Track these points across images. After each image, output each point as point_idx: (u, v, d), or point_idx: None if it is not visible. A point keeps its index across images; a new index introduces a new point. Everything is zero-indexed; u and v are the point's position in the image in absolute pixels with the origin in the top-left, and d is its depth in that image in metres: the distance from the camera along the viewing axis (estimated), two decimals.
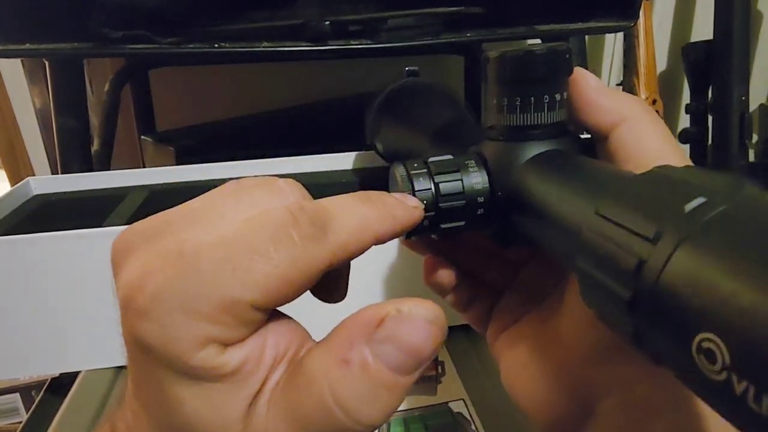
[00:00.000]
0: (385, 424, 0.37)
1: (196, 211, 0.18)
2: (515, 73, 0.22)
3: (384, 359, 0.16)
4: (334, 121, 0.83)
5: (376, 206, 0.19)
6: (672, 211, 0.13)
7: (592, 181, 0.18)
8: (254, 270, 0.16)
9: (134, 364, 0.17)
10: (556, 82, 0.22)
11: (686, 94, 0.95)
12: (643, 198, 0.14)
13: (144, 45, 0.50)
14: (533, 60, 0.21)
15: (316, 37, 0.52)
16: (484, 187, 0.23)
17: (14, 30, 0.49)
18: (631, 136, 0.21)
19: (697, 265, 0.12)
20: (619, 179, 0.17)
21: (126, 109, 0.78)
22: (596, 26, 0.59)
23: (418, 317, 0.16)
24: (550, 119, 0.22)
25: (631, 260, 0.13)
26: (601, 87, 0.22)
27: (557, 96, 0.22)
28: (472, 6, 0.54)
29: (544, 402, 0.23)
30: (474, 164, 0.23)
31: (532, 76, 0.22)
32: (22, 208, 0.48)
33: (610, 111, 0.22)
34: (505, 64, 0.22)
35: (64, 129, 0.62)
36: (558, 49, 0.22)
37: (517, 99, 0.22)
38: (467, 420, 0.38)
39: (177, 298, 0.15)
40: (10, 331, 0.40)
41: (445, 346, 0.45)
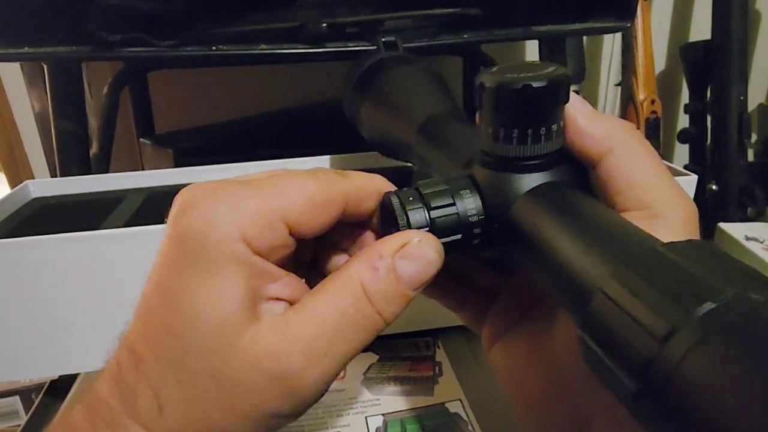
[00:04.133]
0: (383, 425, 0.38)
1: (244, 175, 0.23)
2: (512, 106, 0.21)
3: (402, 270, 0.21)
4: (333, 123, 0.83)
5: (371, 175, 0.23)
6: (684, 311, 0.13)
7: (598, 240, 0.18)
8: (290, 188, 0.20)
9: (159, 260, 0.20)
10: (555, 112, 0.21)
11: (685, 94, 0.95)
12: (655, 287, 0.14)
13: (142, 48, 0.50)
14: (532, 94, 0.20)
15: (314, 39, 0.52)
16: (480, 218, 0.22)
17: (13, 34, 0.49)
18: (619, 169, 0.21)
19: (706, 376, 0.12)
20: (627, 249, 0.17)
21: (125, 112, 0.79)
22: (593, 27, 0.59)
23: (430, 247, 0.21)
24: (548, 149, 0.21)
25: (639, 356, 0.14)
26: (589, 113, 0.22)
27: (554, 126, 0.21)
28: (469, 7, 0.54)
29: (540, 417, 0.23)
30: (469, 193, 0.22)
31: (530, 110, 0.21)
32: (21, 210, 0.48)
33: (597, 141, 0.21)
34: (501, 96, 0.21)
35: (62, 132, 0.62)
36: (557, 79, 0.20)
37: (513, 130, 0.21)
38: (464, 420, 0.38)
39: (225, 196, 0.19)
40: (9, 334, 0.40)
41: (442, 347, 0.45)
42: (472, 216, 0.22)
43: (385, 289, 0.20)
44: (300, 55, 0.53)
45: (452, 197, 0.22)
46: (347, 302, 0.20)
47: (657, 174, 0.21)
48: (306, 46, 0.52)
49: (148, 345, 0.19)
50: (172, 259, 0.19)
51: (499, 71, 0.22)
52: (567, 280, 0.18)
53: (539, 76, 0.20)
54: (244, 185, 0.20)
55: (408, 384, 0.41)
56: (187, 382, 0.19)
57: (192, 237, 0.19)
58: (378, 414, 0.39)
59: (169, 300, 0.19)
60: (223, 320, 0.19)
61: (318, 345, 0.19)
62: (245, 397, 0.19)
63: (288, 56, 0.53)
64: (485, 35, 0.56)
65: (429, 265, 0.21)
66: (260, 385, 0.19)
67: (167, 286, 0.19)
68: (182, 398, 0.19)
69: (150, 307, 0.20)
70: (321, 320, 0.20)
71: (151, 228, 0.39)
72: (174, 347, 0.19)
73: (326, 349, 0.19)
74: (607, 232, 0.18)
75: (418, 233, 0.21)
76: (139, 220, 0.44)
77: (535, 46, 0.70)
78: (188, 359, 0.19)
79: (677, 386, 0.12)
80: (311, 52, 0.52)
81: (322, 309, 0.20)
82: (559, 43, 0.68)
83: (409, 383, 0.41)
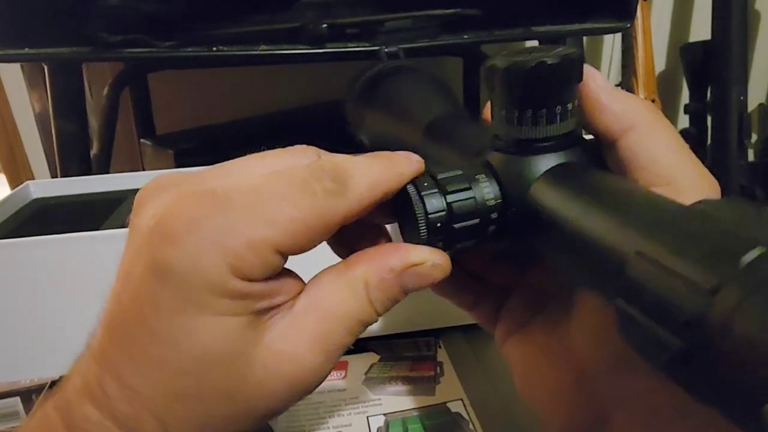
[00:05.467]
0: (384, 425, 0.38)
1: (224, 166, 0.20)
2: (526, 85, 0.20)
3: (407, 282, 0.21)
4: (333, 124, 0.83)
5: (385, 164, 0.21)
6: (729, 263, 0.12)
7: (626, 210, 0.18)
8: (280, 213, 0.18)
9: (140, 295, 0.18)
10: (569, 91, 0.21)
11: (685, 94, 0.95)
12: (695, 242, 0.14)
13: (142, 49, 0.50)
14: (545, 71, 0.20)
15: (314, 39, 0.52)
16: (497, 202, 0.22)
17: (13, 35, 0.49)
18: (641, 145, 0.21)
19: (761, 329, 0.11)
20: (660, 212, 0.17)
21: (125, 113, 0.79)
22: (593, 27, 0.59)
23: (440, 271, 0.21)
24: (563, 130, 0.21)
25: (686, 312, 0.13)
26: (609, 90, 0.21)
27: (569, 105, 0.21)
28: (469, 8, 0.54)
29: (560, 411, 0.23)
30: (485, 177, 0.22)
31: (545, 88, 0.20)
32: (22, 211, 0.48)
33: (619, 117, 0.21)
34: (514, 76, 0.20)
35: (63, 133, 0.62)
36: (570, 56, 0.20)
37: (527, 111, 0.21)
38: (465, 420, 0.38)
39: (210, 229, 0.17)
40: (10, 335, 0.40)
41: (444, 347, 0.45)
42: (489, 200, 0.22)
43: (386, 296, 0.21)
44: (300, 55, 0.53)
45: (468, 182, 0.22)
46: (351, 300, 0.20)
47: (679, 150, 0.21)
48: (306, 46, 0.52)
49: (144, 379, 0.18)
50: (158, 298, 0.18)
51: (509, 53, 0.21)
52: (597, 252, 0.17)
53: (552, 55, 0.20)
54: (227, 210, 0.18)
55: (409, 384, 0.41)
56: (200, 411, 0.19)
57: (177, 277, 0.17)
58: (379, 414, 0.39)
59: (165, 341, 0.18)
60: (232, 350, 0.18)
61: (332, 339, 0.20)
62: (263, 405, 0.19)
63: (288, 57, 0.53)
64: (485, 36, 0.56)
65: (432, 283, 0.21)
66: (279, 390, 0.19)
67: (160, 325, 0.18)
68: (195, 422, 0.19)
69: (138, 340, 0.18)
70: (331, 316, 0.20)
71: None
72: (181, 382, 0.18)
73: (338, 343, 0.20)
74: (636, 202, 0.18)
75: (434, 255, 0.21)
76: None
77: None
78: (203, 392, 0.18)
79: (730, 341, 0.12)
80: (311, 52, 0.52)
81: (329, 305, 0.20)
82: (559, 43, 0.69)
83: (410, 383, 0.41)
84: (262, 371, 0.19)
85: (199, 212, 0.18)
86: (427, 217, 0.21)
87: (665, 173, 0.20)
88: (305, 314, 0.20)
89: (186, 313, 0.18)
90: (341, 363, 0.44)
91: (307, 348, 0.19)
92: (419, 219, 0.21)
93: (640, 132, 0.21)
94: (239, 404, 0.19)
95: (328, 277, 0.21)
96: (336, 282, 0.21)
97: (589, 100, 0.21)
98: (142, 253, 0.18)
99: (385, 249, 0.21)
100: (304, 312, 0.20)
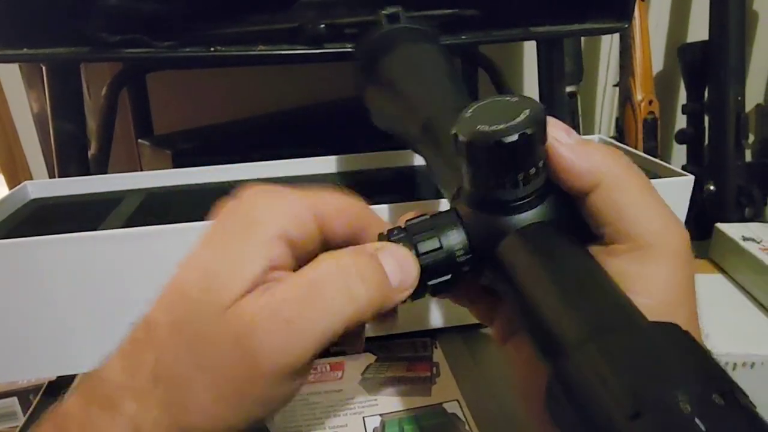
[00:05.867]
0: (380, 425, 0.38)
1: None
2: (486, 160, 0.21)
3: (384, 261, 0.22)
4: (332, 124, 0.83)
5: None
6: (653, 395, 0.14)
7: (583, 299, 0.19)
8: (326, 194, 0.24)
9: (203, 234, 0.22)
10: (532, 159, 0.21)
11: (683, 94, 0.95)
12: (630, 366, 0.15)
13: (141, 49, 0.50)
14: (504, 148, 0.20)
15: (313, 40, 0.52)
16: (467, 257, 0.23)
17: (11, 35, 0.49)
18: (606, 203, 0.21)
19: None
20: (610, 314, 0.18)
21: (123, 113, 0.79)
22: (591, 28, 0.59)
23: (406, 250, 0.23)
24: (530, 190, 0.21)
25: (606, 427, 0.14)
26: (574, 147, 0.21)
27: (532, 170, 0.21)
28: (467, 9, 0.54)
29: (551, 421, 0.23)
30: (454, 231, 0.23)
31: (505, 162, 0.20)
32: (20, 211, 0.48)
33: (584, 175, 0.21)
34: (474, 151, 0.21)
35: (61, 133, 0.62)
36: (529, 131, 0.20)
37: (491, 179, 0.21)
38: (461, 421, 0.38)
39: (274, 191, 0.23)
40: (7, 335, 0.40)
41: (440, 348, 0.45)
42: (459, 256, 0.23)
43: (369, 271, 0.22)
44: (299, 56, 0.53)
45: (439, 240, 0.23)
46: (328, 272, 0.21)
47: (646, 205, 0.21)
48: (304, 47, 0.52)
49: (162, 310, 0.20)
50: (210, 231, 0.22)
51: (473, 116, 0.21)
52: (546, 330, 0.19)
53: (510, 129, 0.20)
54: (289, 189, 0.23)
55: (405, 384, 0.41)
56: (192, 344, 0.19)
57: (236, 213, 0.22)
58: (375, 414, 0.39)
59: (193, 265, 0.21)
60: (236, 286, 0.20)
61: (288, 308, 0.20)
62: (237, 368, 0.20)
63: (287, 57, 0.53)
64: (483, 36, 0.57)
65: (407, 263, 0.23)
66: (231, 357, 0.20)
67: (196, 252, 0.21)
68: (187, 361, 0.19)
69: (174, 277, 0.21)
70: (297, 286, 0.21)
71: (150, 228, 0.39)
72: (186, 309, 0.20)
73: (297, 313, 0.20)
74: (591, 292, 0.19)
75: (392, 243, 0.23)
76: (137, 220, 0.44)
77: (533, 47, 0.70)
78: (197, 320, 0.19)
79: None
80: (310, 53, 0.52)
81: (298, 278, 0.21)
82: (556, 43, 0.69)
83: (406, 384, 0.41)
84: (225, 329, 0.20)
85: (265, 186, 0.23)
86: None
87: (629, 230, 0.21)
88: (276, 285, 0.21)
89: (224, 238, 0.21)
90: (338, 363, 0.44)
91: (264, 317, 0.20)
92: None
93: (605, 189, 0.21)
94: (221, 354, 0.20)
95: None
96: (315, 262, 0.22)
97: (554, 160, 0.21)
98: (216, 213, 0.22)
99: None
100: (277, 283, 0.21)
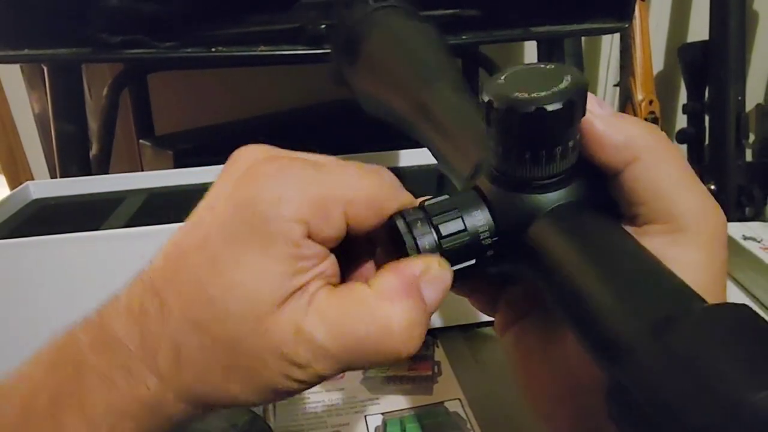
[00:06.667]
0: (382, 424, 0.38)
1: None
2: (524, 130, 0.19)
3: (426, 294, 0.20)
4: (332, 124, 0.83)
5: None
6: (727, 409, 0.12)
7: (635, 289, 0.17)
8: (356, 180, 0.20)
9: (211, 222, 0.19)
10: (571, 132, 0.19)
11: (683, 94, 0.96)
12: (701, 370, 0.13)
13: (142, 50, 0.50)
14: (546, 118, 0.18)
15: (313, 40, 0.52)
16: (493, 239, 0.21)
17: (13, 36, 0.49)
18: (643, 180, 0.19)
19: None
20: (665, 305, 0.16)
21: (124, 114, 0.79)
22: (591, 27, 0.59)
23: (448, 272, 0.21)
24: (564, 167, 0.20)
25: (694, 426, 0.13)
26: (609, 119, 0.20)
27: (570, 143, 0.19)
28: (468, 9, 0.55)
29: (554, 416, 0.22)
30: (479, 213, 0.21)
31: (545, 133, 0.19)
32: (21, 212, 0.49)
33: (620, 149, 0.19)
34: (512, 119, 0.19)
35: (62, 133, 0.62)
36: (574, 97, 0.18)
37: (526, 153, 0.19)
38: (463, 419, 0.38)
39: (298, 177, 0.19)
40: (8, 335, 0.40)
41: (442, 347, 0.45)
42: (485, 239, 0.21)
43: (414, 315, 0.20)
44: (299, 56, 0.53)
45: (463, 221, 0.21)
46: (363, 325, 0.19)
47: (685, 184, 0.20)
48: (305, 47, 0.53)
49: (179, 299, 0.19)
50: (228, 224, 0.19)
51: (507, 82, 0.20)
52: (597, 329, 0.17)
53: (554, 96, 0.18)
54: (312, 168, 0.20)
55: (407, 383, 0.41)
56: (208, 347, 0.19)
57: (256, 210, 0.19)
58: (377, 413, 0.39)
59: (213, 263, 0.19)
60: (260, 296, 0.19)
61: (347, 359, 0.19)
62: (261, 372, 0.19)
63: (287, 58, 0.53)
64: (484, 36, 0.57)
65: (446, 289, 0.21)
66: (274, 364, 0.19)
67: (216, 249, 0.19)
68: (201, 361, 0.19)
69: (189, 262, 0.19)
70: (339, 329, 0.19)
71: (151, 228, 0.39)
72: (204, 310, 0.19)
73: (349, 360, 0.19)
74: (641, 278, 0.17)
75: (435, 258, 0.21)
76: (139, 220, 0.45)
77: (533, 47, 0.71)
78: (215, 326, 0.19)
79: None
80: (310, 53, 0.53)
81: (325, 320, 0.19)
82: (557, 43, 0.69)
83: (408, 382, 0.41)
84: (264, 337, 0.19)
85: (292, 163, 0.20)
86: (416, 245, 0.20)
87: (667, 210, 0.19)
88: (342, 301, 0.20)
89: (245, 241, 0.19)
90: None
91: (324, 337, 0.19)
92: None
93: (642, 165, 0.19)
94: (240, 360, 0.19)
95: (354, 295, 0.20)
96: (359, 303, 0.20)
97: (588, 133, 0.20)
98: (227, 190, 0.20)
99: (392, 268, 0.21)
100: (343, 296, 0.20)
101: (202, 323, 0.19)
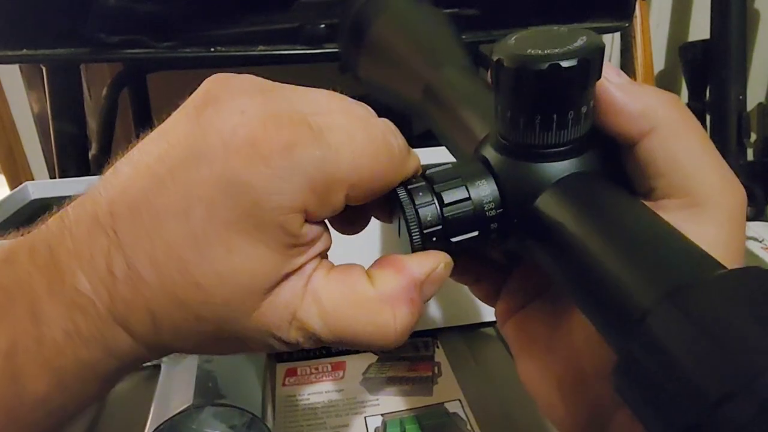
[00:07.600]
0: (382, 425, 0.38)
1: (307, 93, 0.20)
2: (537, 89, 0.18)
3: (426, 293, 0.20)
4: None
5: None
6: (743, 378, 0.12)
7: (649, 255, 0.16)
8: (365, 163, 0.19)
9: (196, 196, 0.17)
10: (586, 94, 0.18)
11: (684, 93, 0.95)
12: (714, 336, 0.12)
13: (141, 49, 0.50)
14: (560, 75, 0.17)
15: (312, 40, 0.52)
16: (497, 211, 0.20)
17: (12, 36, 0.49)
18: (661, 151, 0.18)
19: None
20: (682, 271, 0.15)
21: (124, 113, 0.79)
22: (591, 27, 0.59)
23: (448, 271, 0.21)
24: (575, 134, 0.18)
25: (685, 417, 0.12)
26: (626, 86, 0.19)
27: (584, 108, 0.18)
28: (467, 8, 0.54)
29: (557, 404, 0.22)
30: (485, 183, 0.20)
31: (558, 93, 0.18)
32: (20, 212, 0.48)
33: (637, 118, 0.19)
34: (523, 78, 0.18)
35: (61, 134, 0.62)
36: (590, 56, 0.17)
37: (537, 117, 0.18)
38: (463, 420, 0.38)
39: (303, 160, 0.17)
40: None
41: (442, 347, 0.45)
42: (489, 210, 0.20)
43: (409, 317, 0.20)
44: (298, 56, 0.53)
45: (467, 189, 0.20)
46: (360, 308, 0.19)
47: (704, 157, 0.19)
48: (304, 47, 0.52)
49: (153, 269, 0.17)
50: (218, 205, 0.17)
51: (518, 42, 0.18)
52: (608, 299, 0.16)
53: (568, 53, 0.17)
54: (322, 146, 0.18)
55: (407, 384, 0.41)
56: (192, 321, 0.18)
57: (251, 197, 0.17)
58: (377, 414, 0.39)
59: (198, 244, 0.17)
60: (255, 284, 0.18)
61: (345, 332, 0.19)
62: (247, 343, 0.19)
63: (286, 57, 0.53)
64: (484, 36, 0.56)
65: (442, 283, 0.21)
66: (262, 340, 0.19)
67: (201, 228, 0.17)
68: (183, 330, 0.18)
69: (163, 226, 0.17)
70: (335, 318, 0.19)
71: None
72: (190, 292, 0.18)
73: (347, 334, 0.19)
74: (655, 245, 0.16)
75: (444, 256, 0.20)
76: None
77: None
78: (203, 308, 0.18)
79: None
80: (310, 53, 0.53)
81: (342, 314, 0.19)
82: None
83: (408, 383, 0.41)
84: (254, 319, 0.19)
85: (295, 140, 0.17)
86: (422, 232, 0.20)
87: (685, 184, 0.18)
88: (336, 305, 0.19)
89: (238, 228, 0.17)
90: (339, 363, 0.44)
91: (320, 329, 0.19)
92: (413, 233, 0.20)
93: (660, 135, 0.18)
94: (228, 335, 0.19)
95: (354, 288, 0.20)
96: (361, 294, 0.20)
97: (604, 101, 0.19)
98: (219, 159, 0.17)
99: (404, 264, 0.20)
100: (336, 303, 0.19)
101: (187, 303, 0.18)
